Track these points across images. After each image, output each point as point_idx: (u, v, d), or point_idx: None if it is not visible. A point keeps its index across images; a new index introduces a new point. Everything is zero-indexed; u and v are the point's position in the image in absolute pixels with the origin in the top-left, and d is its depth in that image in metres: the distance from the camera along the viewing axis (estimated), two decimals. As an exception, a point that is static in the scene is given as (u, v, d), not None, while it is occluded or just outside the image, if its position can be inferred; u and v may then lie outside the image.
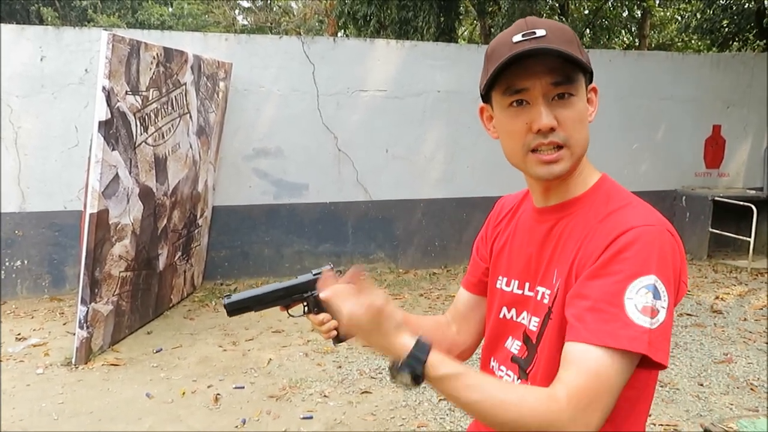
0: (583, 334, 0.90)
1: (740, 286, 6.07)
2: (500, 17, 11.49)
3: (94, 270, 4.03)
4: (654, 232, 0.93)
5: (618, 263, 0.91)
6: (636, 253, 0.91)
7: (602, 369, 0.88)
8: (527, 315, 1.10)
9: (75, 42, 5.35)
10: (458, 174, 6.68)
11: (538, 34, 0.97)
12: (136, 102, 4.21)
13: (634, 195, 1.05)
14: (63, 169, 5.42)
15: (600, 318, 0.90)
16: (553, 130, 0.98)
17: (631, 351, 0.88)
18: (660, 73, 7.19)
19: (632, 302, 0.89)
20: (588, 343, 0.89)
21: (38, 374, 3.92)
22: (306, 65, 6.07)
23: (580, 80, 1.00)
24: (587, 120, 1.03)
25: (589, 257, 0.96)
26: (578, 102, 1.00)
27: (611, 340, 0.88)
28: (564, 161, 1.01)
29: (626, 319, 0.88)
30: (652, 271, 0.90)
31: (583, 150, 1.03)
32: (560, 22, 1.03)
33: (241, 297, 1.17)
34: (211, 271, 6.09)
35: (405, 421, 3.36)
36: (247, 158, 6.04)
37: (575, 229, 1.03)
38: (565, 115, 0.99)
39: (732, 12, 10.91)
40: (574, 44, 0.99)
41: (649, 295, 0.89)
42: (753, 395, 3.67)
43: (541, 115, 0.98)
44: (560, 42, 0.97)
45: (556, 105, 0.99)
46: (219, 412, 3.47)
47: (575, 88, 0.99)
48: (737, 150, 7.72)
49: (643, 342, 0.87)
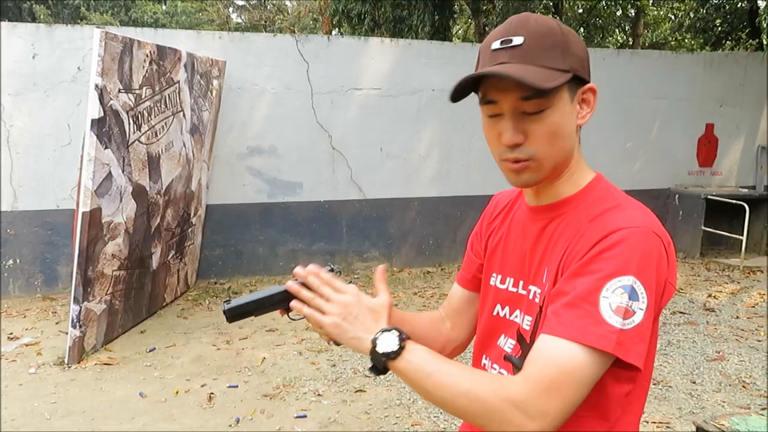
0: (556, 328, 0.91)
1: (733, 284, 6.10)
2: (494, 16, 11.51)
3: (87, 269, 4.01)
4: (638, 234, 0.93)
5: (599, 262, 0.92)
6: (617, 253, 0.91)
7: (566, 360, 0.88)
8: (520, 313, 1.10)
9: (67, 40, 5.33)
10: (452, 173, 6.69)
11: (514, 42, 0.97)
12: (129, 100, 4.19)
13: (626, 195, 1.05)
14: (55, 168, 5.39)
15: (574, 314, 0.90)
16: (518, 146, 0.99)
17: (598, 349, 0.88)
18: (653, 72, 7.22)
19: (607, 301, 0.89)
20: (558, 336, 0.90)
21: (31, 374, 3.91)
22: (300, 63, 6.06)
23: (556, 92, 0.97)
24: (565, 130, 1.00)
25: (575, 257, 0.96)
26: (552, 114, 0.98)
27: (580, 335, 0.89)
28: (530, 172, 1.01)
29: (598, 317, 0.89)
30: (631, 272, 0.90)
31: (556, 161, 1.02)
32: (551, 21, 1.00)
33: (241, 302, 1.15)
34: (205, 270, 6.08)
35: (399, 419, 3.36)
36: (241, 157, 6.03)
37: (566, 229, 1.03)
38: (534, 129, 0.98)
39: (725, 11, 10.96)
40: (556, 50, 0.97)
41: (624, 295, 0.89)
42: (745, 392, 3.70)
43: (507, 131, 0.99)
44: (537, 50, 0.96)
45: (527, 120, 0.98)
46: (213, 411, 3.46)
47: (548, 101, 0.97)
48: (730, 148, 7.77)
49: (611, 341, 0.88)
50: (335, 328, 1.04)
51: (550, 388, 0.88)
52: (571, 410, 0.89)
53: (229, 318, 1.15)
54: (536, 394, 0.88)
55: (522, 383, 0.89)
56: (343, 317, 1.03)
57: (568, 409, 0.89)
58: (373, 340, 0.99)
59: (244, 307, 1.14)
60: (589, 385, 0.90)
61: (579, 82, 1.01)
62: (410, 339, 1.00)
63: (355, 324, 1.03)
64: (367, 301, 1.06)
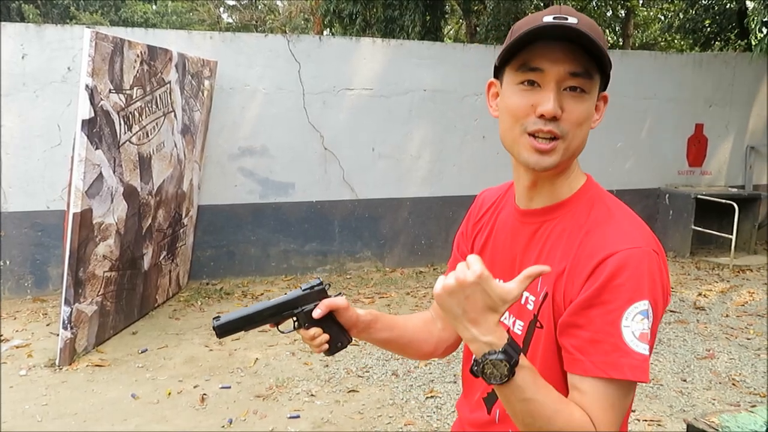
0: (586, 366, 0.92)
1: (722, 283, 6.15)
2: (486, 16, 11.55)
3: (78, 270, 3.99)
4: (640, 255, 0.93)
5: (611, 291, 0.92)
6: (627, 279, 0.91)
7: (615, 401, 0.92)
8: (510, 316, 1.10)
9: (57, 40, 5.29)
10: (444, 173, 6.70)
11: (570, 21, 0.94)
12: (119, 100, 4.17)
13: (616, 200, 1.05)
14: (46, 169, 5.36)
15: (600, 349, 0.91)
16: (555, 120, 0.95)
17: (632, 380, 0.91)
18: (643, 72, 7.26)
19: (629, 330, 0.90)
20: (594, 376, 0.92)
21: (21, 376, 3.88)
22: (291, 64, 6.05)
23: (596, 80, 0.98)
24: (590, 123, 1.00)
25: (576, 278, 0.96)
26: (588, 100, 0.98)
27: (613, 371, 0.90)
28: (557, 154, 0.97)
29: (625, 347, 0.90)
30: (645, 296, 0.91)
31: (578, 150, 1.01)
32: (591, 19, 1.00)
33: (231, 318, 1.16)
34: (197, 271, 6.06)
35: (392, 419, 3.37)
36: (233, 157, 6.01)
37: (561, 236, 1.02)
38: (572, 108, 0.96)
39: (714, 12, 11.04)
40: (602, 42, 0.96)
41: (644, 321, 0.91)
42: (735, 390, 3.73)
43: (549, 101, 0.94)
44: (591, 33, 0.94)
45: (567, 96, 0.96)
46: (205, 412, 3.45)
47: (590, 85, 0.97)
48: (719, 148, 7.82)
49: (644, 371, 0.91)
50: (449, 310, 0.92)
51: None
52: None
53: (219, 334, 1.15)
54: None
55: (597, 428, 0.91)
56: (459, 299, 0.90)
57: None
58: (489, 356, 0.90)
59: (234, 323, 1.15)
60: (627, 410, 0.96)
61: (605, 85, 1.01)
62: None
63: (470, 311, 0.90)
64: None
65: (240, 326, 1.16)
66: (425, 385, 3.78)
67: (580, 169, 1.08)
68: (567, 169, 1.04)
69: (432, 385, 3.79)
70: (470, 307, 0.88)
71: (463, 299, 0.88)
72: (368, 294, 5.74)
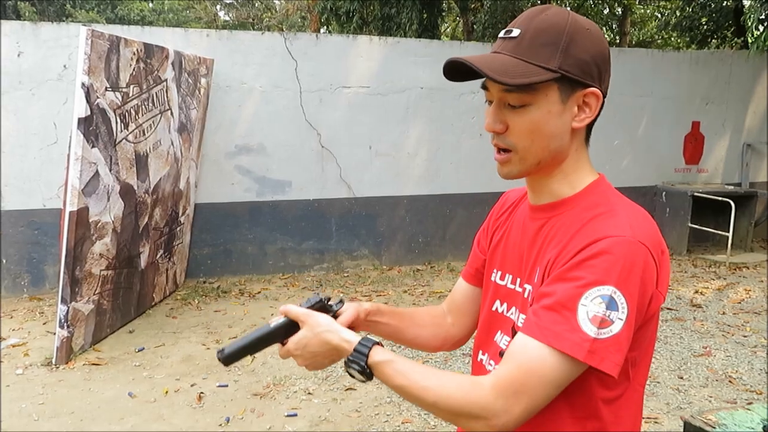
0: (533, 329, 0.93)
1: (719, 281, 6.17)
2: (482, 14, 11.55)
3: (75, 269, 3.98)
4: (624, 243, 0.93)
5: (582, 269, 0.93)
6: (601, 261, 0.92)
7: (537, 363, 0.91)
8: (516, 311, 1.11)
9: (53, 37, 5.28)
10: (441, 171, 6.70)
11: (513, 34, 0.99)
12: (116, 98, 4.16)
13: (625, 199, 1.05)
14: (42, 167, 5.35)
15: (552, 318, 0.92)
16: (498, 134, 1.03)
17: (569, 355, 0.90)
18: (640, 70, 7.27)
19: (585, 309, 0.90)
20: (533, 337, 0.93)
21: (18, 375, 3.87)
22: (288, 61, 6.05)
23: (541, 89, 0.98)
24: (548, 129, 1.00)
25: (560, 261, 0.97)
26: (534, 111, 0.99)
27: (555, 340, 0.91)
28: (511, 164, 1.04)
29: (575, 324, 0.90)
30: (611, 282, 0.91)
31: (539, 157, 1.02)
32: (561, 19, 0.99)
33: (234, 348, 1.14)
34: (194, 269, 6.05)
35: (389, 417, 3.37)
36: (230, 155, 6.00)
37: (559, 230, 1.03)
38: (515, 122, 1.01)
39: (710, 10, 11.05)
40: (549, 48, 0.96)
41: (602, 305, 0.90)
42: (731, 387, 3.74)
43: (487, 117, 1.04)
44: (528, 45, 0.97)
45: (509, 111, 1.01)
46: (203, 410, 3.45)
47: (530, 97, 0.98)
48: (716, 146, 7.84)
49: (583, 349, 0.89)
50: (311, 367, 1.12)
51: (518, 392, 0.91)
52: (535, 411, 0.93)
53: (225, 364, 1.16)
54: (503, 397, 0.91)
55: (491, 387, 0.93)
56: (306, 358, 1.10)
57: (533, 409, 0.93)
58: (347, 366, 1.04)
59: (238, 352, 1.14)
60: (558, 388, 0.93)
61: (576, 84, 1.00)
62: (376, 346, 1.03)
63: (319, 358, 1.10)
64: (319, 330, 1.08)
65: (245, 354, 1.16)
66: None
67: (591, 169, 1.09)
68: (552, 170, 1.06)
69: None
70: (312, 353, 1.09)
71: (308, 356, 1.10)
72: (365, 292, 5.74)
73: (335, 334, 1.06)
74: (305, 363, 1.11)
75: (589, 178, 1.08)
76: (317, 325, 1.08)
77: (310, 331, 1.08)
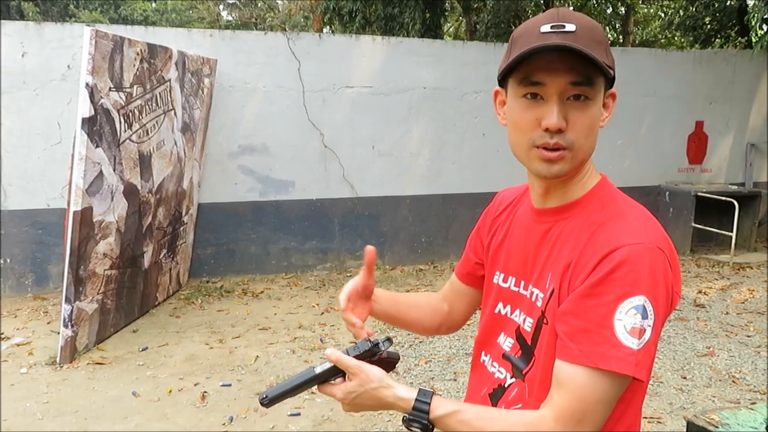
0: (574, 354, 0.93)
1: (722, 281, 6.16)
2: (485, 14, 11.53)
3: (79, 268, 3.99)
4: (642, 251, 0.93)
5: (608, 284, 0.92)
6: (626, 273, 0.92)
7: (590, 389, 0.92)
8: (520, 313, 1.11)
9: (57, 38, 5.29)
10: (444, 170, 6.70)
11: (567, 28, 0.94)
12: (119, 98, 4.17)
13: (630, 200, 1.05)
14: (46, 167, 5.36)
15: (590, 339, 0.92)
16: (560, 132, 0.97)
17: (618, 373, 0.91)
18: (644, 69, 7.25)
19: (621, 323, 0.91)
20: (577, 363, 0.93)
21: (22, 374, 3.89)
22: (291, 61, 6.05)
23: (599, 84, 0.97)
24: (598, 126, 1.01)
25: (581, 272, 0.97)
26: (593, 106, 0.98)
27: (600, 361, 0.91)
28: (564, 162, 0.99)
29: (615, 340, 0.91)
30: (641, 291, 0.91)
31: (587, 156, 1.02)
32: (593, 20, 1.00)
33: (278, 392, 1.10)
34: (197, 269, 6.06)
35: (392, 416, 3.37)
36: (233, 155, 6.01)
37: (570, 234, 1.03)
38: (577, 117, 0.97)
39: (714, 9, 11.02)
40: (602, 46, 0.96)
41: (637, 316, 0.91)
42: (735, 387, 3.73)
43: (553, 114, 0.96)
44: (588, 41, 0.94)
45: (570, 106, 0.97)
46: (206, 410, 3.46)
47: (593, 92, 0.97)
48: (719, 146, 7.82)
49: (630, 364, 0.90)
50: (355, 411, 1.09)
51: (581, 421, 0.92)
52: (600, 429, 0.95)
53: (267, 407, 1.13)
54: (569, 428, 0.92)
55: (554, 421, 0.93)
56: (352, 406, 1.08)
57: (598, 429, 0.94)
58: (407, 425, 1.02)
59: (281, 396, 1.10)
60: (612, 405, 0.94)
61: (609, 84, 1.01)
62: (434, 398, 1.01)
63: (366, 408, 1.08)
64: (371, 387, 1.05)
65: (286, 397, 1.13)
66: (425, 383, 3.78)
67: (595, 169, 1.09)
68: (579, 171, 1.05)
69: (432, 382, 3.80)
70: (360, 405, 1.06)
71: (356, 406, 1.07)
72: (368, 292, 5.74)
73: (389, 391, 1.04)
74: (349, 410, 1.09)
75: (595, 179, 1.09)
76: (369, 381, 1.04)
77: (361, 386, 1.05)
